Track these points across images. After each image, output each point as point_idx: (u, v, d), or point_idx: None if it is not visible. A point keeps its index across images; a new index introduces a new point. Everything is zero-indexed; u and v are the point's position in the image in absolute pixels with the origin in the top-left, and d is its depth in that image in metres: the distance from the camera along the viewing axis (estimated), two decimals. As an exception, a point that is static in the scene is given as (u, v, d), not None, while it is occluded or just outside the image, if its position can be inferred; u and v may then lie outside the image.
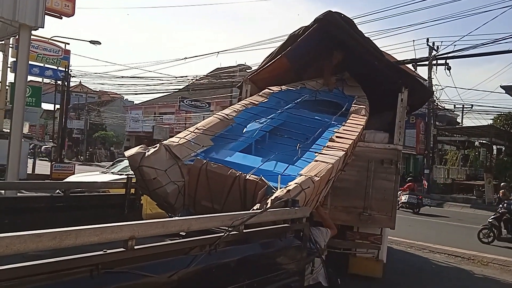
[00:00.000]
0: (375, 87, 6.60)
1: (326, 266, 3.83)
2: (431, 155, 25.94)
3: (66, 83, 23.71)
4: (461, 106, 32.79)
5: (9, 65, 18.02)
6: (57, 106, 27.48)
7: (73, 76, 26.23)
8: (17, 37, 8.61)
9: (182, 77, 28.72)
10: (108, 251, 1.69)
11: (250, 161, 3.80)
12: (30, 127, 31.18)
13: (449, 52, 21.69)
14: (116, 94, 45.95)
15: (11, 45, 17.40)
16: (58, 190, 5.70)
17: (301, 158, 3.87)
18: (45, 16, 7.80)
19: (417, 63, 23.75)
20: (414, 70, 24.72)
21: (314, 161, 3.68)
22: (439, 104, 27.57)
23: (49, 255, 1.54)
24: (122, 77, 28.86)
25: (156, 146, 3.45)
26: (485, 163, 27.88)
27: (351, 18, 6.81)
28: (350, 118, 5.15)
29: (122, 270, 1.75)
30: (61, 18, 18.58)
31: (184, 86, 30.75)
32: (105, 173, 11.18)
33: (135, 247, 1.78)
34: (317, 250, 3.65)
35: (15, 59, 14.05)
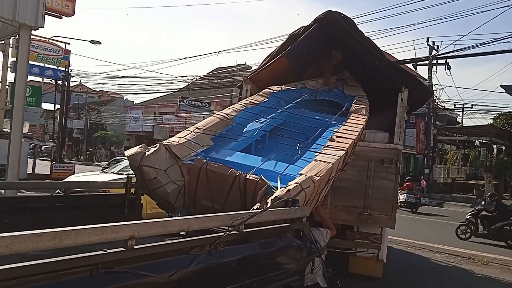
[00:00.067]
0: (375, 86, 6.60)
1: (326, 266, 3.83)
2: (431, 154, 25.94)
3: (66, 83, 23.71)
4: (461, 105, 32.81)
5: (9, 65, 18.02)
6: (57, 106, 27.51)
7: (73, 76, 26.24)
8: (17, 37, 8.60)
9: (182, 77, 28.75)
10: (108, 251, 1.69)
11: (250, 160, 3.80)
12: (30, 127, 31.18)
13: (449, 52, 21.79)
14: (116, 94, 45.94)
15: (11, 45, 17.40)
16: (58, 190, 5.70)
17: (301, 158, 3.87)
18: (45, 16, 7.79)
19: (417, 63, 23.78)
20: (414, 69, 24.73)
21: (314, 161, 3.68)
22: (439, 103, 27.57)
23: (49, 255, 1.54)
24: (122, 77, 28.89)
25: (156, 146, 3.45)
26: (485, 162, 27.86)
27: (351, 18, 6.82)
28: (350, 117, 5.15)
29: (122, 270, 1.75)
30: (61, 18, 18.56)
31: (184, 86, 30.76)
32: (105, 172, 11.19)
33: (135, 247, 1.78)
34: (317, 249, 3.65)
35: (15, 59, 14.04)
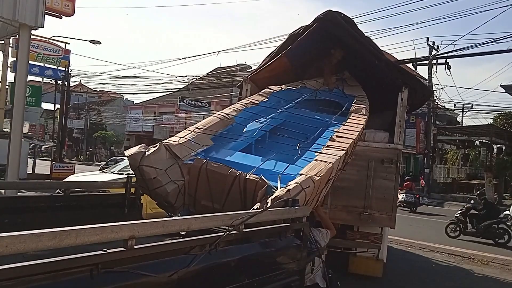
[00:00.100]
0: (375, 86, 6.60)
1: (326, 267, 3.82)
2: (431, 154, 25.93)
3: (66, 83, 23.69)
4: (461, 105, 32.82)
5: (9, 65, 18.01)
6: (57, 105, 27.53)
7: (73, 76, 26.22)
8: (17, 36, 8.60)
9: (182, 76, 28.76)
10: (108, 251, 1.69)
11: (250, 160, 3.80)
12: (30, 126, 31.24)
13: (449, 52, 21.80)
14: (116, 93, 45.89)
15: (11, 45, 17.39)
16: (58, 189, 5.70)
17: (301, 158, 3.87)
18: (45, 15, 7.77)
19: (417, 63, 23.79)
20: (414, 69, 24.72)
21: (314, 161, 3.68)
22: (439, 103, 27.58)
23: (49, 254, 1.54)
24: (122, 76, 28.90)
25: (156, 146, 3.45)
26: (485, 162, 27.84)
27: (351, 18, 6.82)
28: (350, 117, 5.15)
29: (122, 269, 1.75)
30: (61, 17, 18.53)
31: (184, 85, 30.76)
32: (105, 172, 11.19)
33: (135, 247, 1.78)
34: (317, 249, 3.65)
35: (15, 59, 14.06)
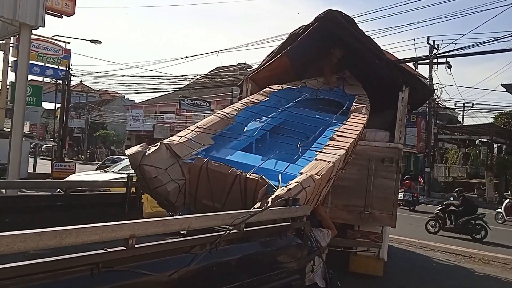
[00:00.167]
0: (375, 85, 6.59)
1: (327, 267, 3.82)
2: (431, 153, 25.92)
3: (66, 82, 23.69)
4: (462, 104, 32.79)
5: (9, 64, 18.01)
6: (57, 105, 27.54)
7: (73, 75, 26.19)
8: (17, 36, 8.59)
9: (182, 76, 28.74)
10: (109, 250, 1.69)
11: (251, 160, 3.80)
12: (31, 126, 31.23)
13: (450, 51, 21.67)
14: (117, 93, 45.91)
15: (11, 44, 17.40)
16: (59, 189, 5.71)
17: (302, 157, 3.87)
18: (46, 15, 7.77)
19: (418, 62, 23.79)
20: (414, 68, 24.71)
21: (315, 160, 3.68)
22: (439, 102, 27.58)
23: (50, 254, 1.54)
24: (123, 76, 28.89)
25: (156, 145, 3.45)
26: (486, 161, 27.85)
27: (352, 17, 6.82)
28: (351, 116, 5.15)
29: (122, 268, 1.75)
30: (62, 17, 18.54)
31: (184, 85, 30.76)
32: (106, 171, 11.20)
33: (136, 246, 1.78)
34: (318, 248, 3.65)
35: (15, 58, 14.05)
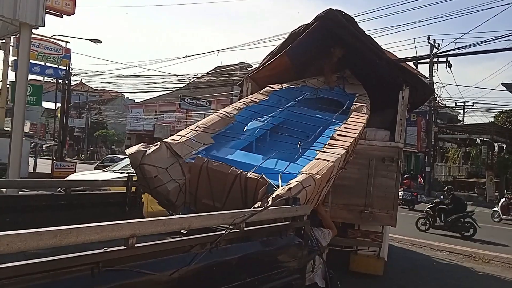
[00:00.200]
0: (376, 85, 6.59)
1: (327, 267, 3.82)
2: (432, 152, 25.89)
3: (67, 82, 23.70)
4: (462, 103, 32.74)
5: (10, 64, 18.02)
6: (58, 104, 27.55)
7: (74, 75, 26.20)
8: (17, 35, 8.59)
9: (182, 75, 28.78)
10: (109, 249, 1.69)
11: (251, 159, 3.80)
12: (31, 125, 31.20)
13: (450, 50, 21.61)
14: (117, 92, 45.98)
15: (12, 44, 17.41)
16: (59, 188, 5.71)
17: (302, 156, 3.87)
18: (46, 14, 7.77)
19: (418, 61, 23.73)
20: (415, 67, 24.67)
21: (315, 159, 3.68)
22: (440, 101, 27.55)
23: (50, 253, 1.54)
24: (123, 75, 28.97)
25: (157, 144, 3.45)
26: (486, 160, 27.83)
27: (352, 16, 6.81)
28: (351, 116, 5.14)
29: (123, 268, 1.75)
30: (62, 16, 18.55)
31: (185, 84, 30.77)
32: (106, 171, 11.20)
33: (136, 245, 1.78)
34: (318, 248, 3.65)
35: (16, 58, 14.05)
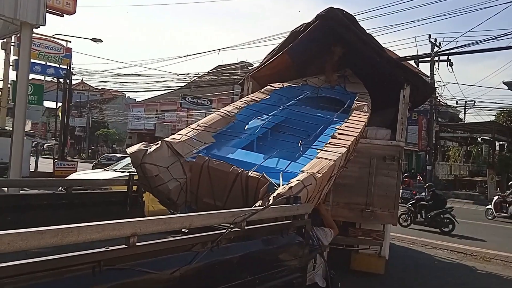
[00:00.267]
0: (377, 83, 6.58)
1: (328, 267, 3.82)
2: (433, 151, 25.88)
3: (68, 81, 23.74)
4: (464, 102, 32.62)
5: (11, 63, 18.02)
6: (59, 104, 27.58)
7: (75, 74, 26.29)
8: (18, 35, 8.60)
9: (183, 74, 28.80)
10: (110, 248, 1.69)
11: (252, 158, 3.79)
12: (33, 125, 31.29)
13: (451, 48, 21.58)
14: (118, 91, 46.00)
15: (12, 43, 17.41)
16: (60, 187, 5.71)
17: (303, 155, 3.87)
18: (47, 14, 7.78)
19: (419, 60, 23.71)
20: (416, 66, 24.66)
21: (316, 158, 3.67)
22: (441, 100, 27.55)
23: (51, 252, 1.54)
24: (124, 74, 29.10)
25: (158, 143, 3.44)
26: (488, 159, 27.84)
27: (353, 15, 6.80)
28: (352, 114, 5.14)
29: (124, 267, 1.75)
30: (63, 16, 18.56)
31: (185, 83, 30.80)
32: (107, 170, 11.21)
33: (137, 244, 1.78)
34: (319, 246, 3.64)
35: (17, 57, 14.06)
